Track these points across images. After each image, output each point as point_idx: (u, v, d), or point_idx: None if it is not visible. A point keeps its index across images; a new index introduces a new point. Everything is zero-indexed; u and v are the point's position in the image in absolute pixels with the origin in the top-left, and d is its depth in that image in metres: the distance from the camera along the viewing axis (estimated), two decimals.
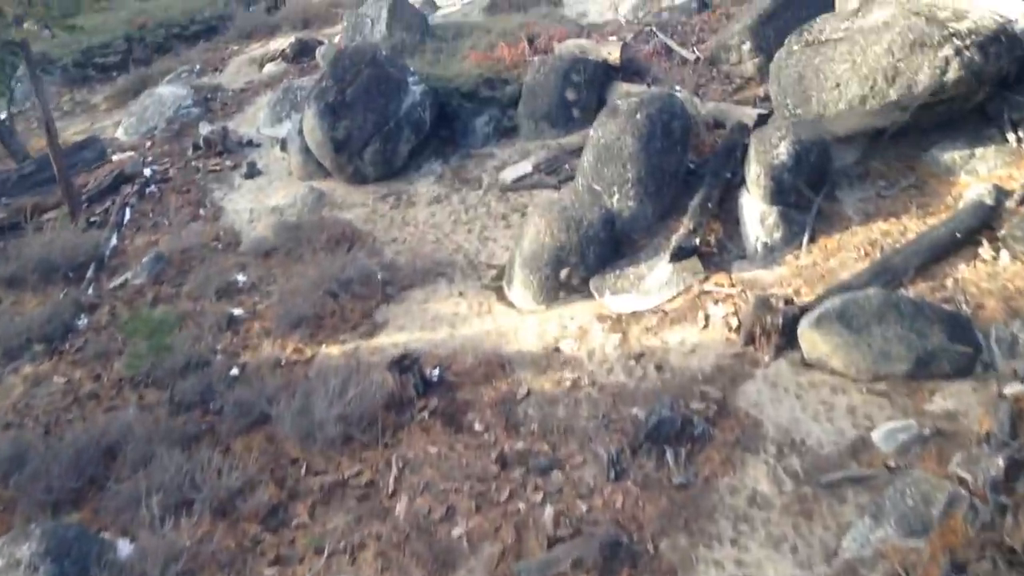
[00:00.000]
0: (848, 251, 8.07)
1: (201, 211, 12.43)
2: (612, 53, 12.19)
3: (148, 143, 15.05)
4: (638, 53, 12.97)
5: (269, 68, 17.77)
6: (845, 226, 8.37)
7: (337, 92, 11.56)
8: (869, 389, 6.64)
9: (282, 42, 19.66)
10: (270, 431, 7.60)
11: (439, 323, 8.96)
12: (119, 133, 15.87)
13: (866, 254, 7.93)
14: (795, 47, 9.21)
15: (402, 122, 11.76)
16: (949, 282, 7.34)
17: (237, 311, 9.73)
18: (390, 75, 11.82)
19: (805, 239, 8.32)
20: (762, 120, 10.08)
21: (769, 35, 11.42)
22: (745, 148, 9.55)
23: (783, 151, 8.36)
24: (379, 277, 9.73)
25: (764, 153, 8.47)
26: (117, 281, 10.82)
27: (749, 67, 11.69)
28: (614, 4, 15.47)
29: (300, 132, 12.27)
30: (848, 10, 9.62)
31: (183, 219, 12.27)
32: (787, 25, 11.14)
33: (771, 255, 8.33)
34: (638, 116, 9.17)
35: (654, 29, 13.39)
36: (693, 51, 12.71)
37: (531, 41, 13.16)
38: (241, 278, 10.39)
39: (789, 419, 6.59)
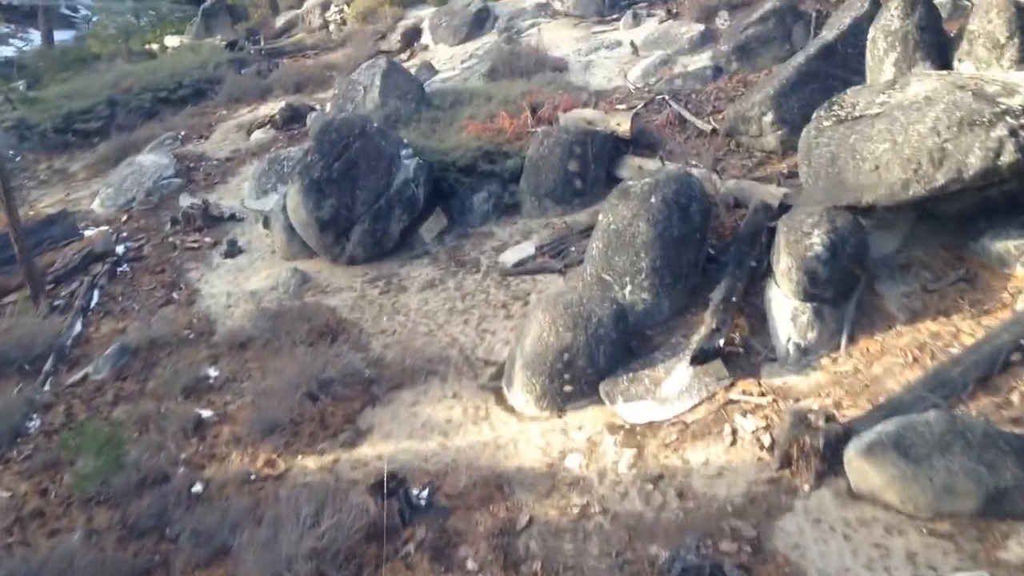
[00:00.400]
0: (893, 355, 7.28)
1: (175, 294, 11.72)
2: (622, 124, 11.59)
3: (124, 217, 14.41)
4: (649, 123, 12.39)
5: (257, 135, 17.24)
6: (888, 325, 7.60)
7: (323, 167, 10.92)
8: (931, 530, 5.79)
9: (272, 107, 19.23)
10: (231, 567, 6.74)
11: (430, 431, 8.15)
12: (95, 205, 15.24)
13: (914, 360, 7.14)
14: (826, 123, 8.55)
15: (393, 200, 11.10)
16: (1016, 397, 6.54)
17: (206, 412, 8.94)
18: (381, 148, 11.20)
19: (844, 340, 7.55)
20: (789, 201, 9.40)
21: (792, 107, 10.81)
22: (770, 232, 8.87)
23: (817, 241, 7.63)
24: (365, 375, 8.98)
25: (795, 243, 7.74)
26: (77, 376, 10.04)
27: (771, 140, 11.05)
28: (623, 69, 14.95)
29: (284, 209, 11.61)
30: (882, 82, 9.00)
31: (155, 303, 11.55)
32: (812, 96, 10.57)
33: (805, 358, 7.55)
34: (652, 200, 8.47)
35: (666, 98, 12.81)
36: (709, 122, 12.11)
37: (534, 110, 12.58)
38: (213, 373, 9.63)
39: (838, 567, 5.73)
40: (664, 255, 8.37)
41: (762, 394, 7.32)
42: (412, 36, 22.17)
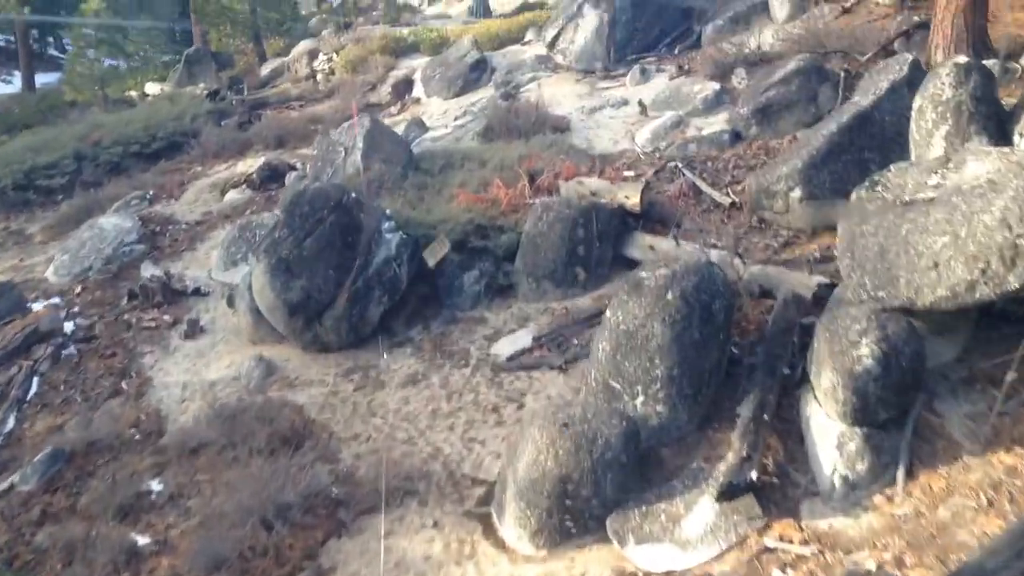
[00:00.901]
0: (963, 495, 6.21)
1: (124, 383, 10.66)
2: (630, 197, 10.64)
3: (79, 288, 13.40)
4: (661, 194, 11.45)
5: (232, 196, 16.33)
6: (954, 456, 6.54)
7: (293, 244, 9.93)
8: None
9: (251, 163, 18.43)
10: None
11: (405, 572, 7.03)
12: (49, 273, 14.22)
13: (989, 504, 6.07)
14: (870, 206, 7.58)
15: (373, 281, 10.10)
16: None
17: (143, 539, 7.85)
18: (360, 222, 10.23)
19: (900, 474, 6.49)
20: (824, 291, 8.40)
21: (823, 181, 9.87)
22: (803, 329, 7.87)
23: (866, 352, 6.59)
24: (332, 495, 7.89)
25: (840, 354, 6.70)
26: (2, 485, 8.94)
27: (799, 217, 10.10)
28: (630, 131, 14.08)
29: (250, 287, 10.60)
30: (932, 159, 8.03)
31: (100, 394, 10.50)
32: (846, 170, 9.70)
33: (854, 494, 6.49)
34: (669, 295, 7.46)
35: (679, 165, 11.88)
36: (727, 194, 11.17)
37: (532, 179, 11.65)
38: (156, 487, 8.55)
39: None
40: (683, 361, 7.34)
41: (804, 541, 6.23)
42: (403, 88, 21.42)
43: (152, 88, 30.97)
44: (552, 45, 17.57)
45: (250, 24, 29.40)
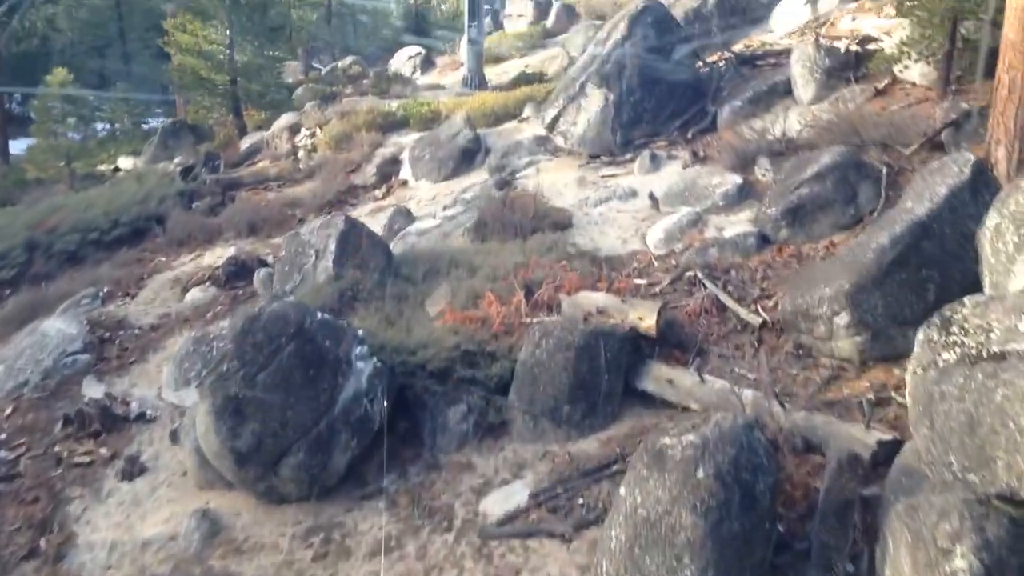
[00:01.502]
0: None
1: (43, 541, 9.24)
2: (645, 319, 9.37)
3: (9, 409, 12.07)
4: (678, 309, 10.17)
5: (194, 294, 15.09)
6: None
7: (244, 380, 8.60)
8: None
9: (221, 253, 17.25)
10: None
11: None
12: None
13: None
14: (945, 355, 6.29)
15: (339, 422, 8.76)
16: None
17: None
18: (325, 351, 8.92)
19: None
20: (887, 450, 7.07)
21: (875, 306, 8.61)
22: (864, 503, 6.52)
23: (964, 567, 5.23)
24: None
25: (928, 567, 5.33)
26: None
27: (845, 347, 8.80)
28: (640, 228, 12.88)
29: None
30: (1017, 292, 6.74)
31: (15, 554, 9.09)
32: (901, 293, 8.48)
33: None
34: (700, 473, 6.10)
35: (699, 275, 10.61)
36: (757, 311, 9.89)
37: (529, 291, 10.40)
38: None
39: None
40: (719, 561, 5.96)
41: None
42: (390, 169, 20.34)
43: (125, 163, 30.01)
44: (552, 126, 16.46)
45: (230, 95, 28.47)
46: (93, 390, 12.17)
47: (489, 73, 30.92)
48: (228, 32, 27.56)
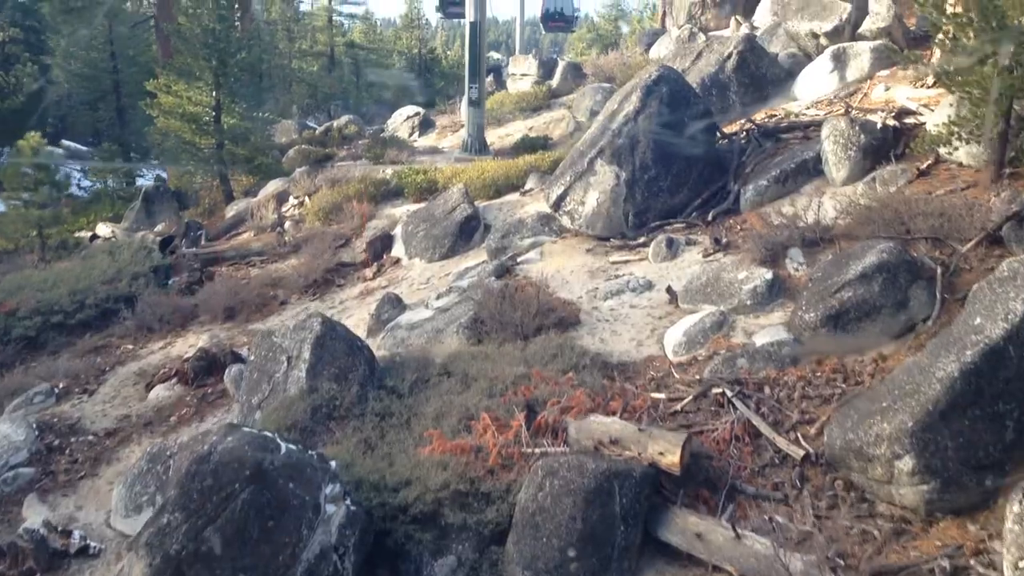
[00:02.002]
0: None
1: None
2: (667, 453, 8.15)
3: None
4: (705, 435, 8.96)
5: (158, 392, 13.95)
6: None
7: (188, 535, 7.35)
8: None
9: (194, 341, 16.15)
10: None
11: None
12: None
13: None
14: None
15: None
16: None
17: None
18: (288, 497, 7.68)
19: None
20: None
21: (944, 446, 7.41)
22: None
23: None
24: None
25: None
26: None
27: (908, 495, 7.57)
28: (656, 328, 11.71)
29: None
30: None
31: None
32: (977, 432, 7.42)
33: None
34: None
35: (727, 393, 9.41)
36: (797, 439, 8.68)
37: (531, 411, 9.20)
38: None
39: None
40: None
41: None
42: (381, 245, 19.29)
43: (104, 230, 29.02)
44: (557, 205, 15.38)
45: (216, 160, 27.56)
46: (34, 513, 10.96)
47: (491, 136, 30.12)
48: (215, 93, 26.67)
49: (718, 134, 16.32)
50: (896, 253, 10.00)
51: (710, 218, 14.40)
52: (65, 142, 53.12)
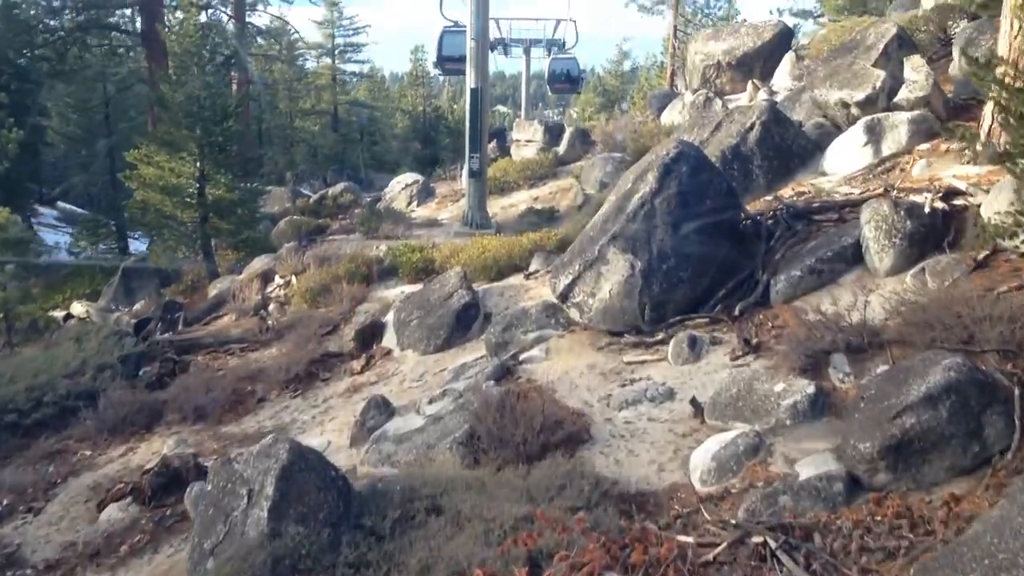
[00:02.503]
0: None
1: None
2: None
3: None
4: None
5: (110, 514, 12.64)
6: None
7: None
8: None
9: (157, 447, 14.90)
10: None
11: None
12: None
13: None
14: None
15: None
16: None
17: None
18: None
19: None
20: None
21: None
22: None
23: None
24: None
25: None
26: None
27: None
28: (680, 448, 10.38)
29: None
30: None
31: None
32: None
33: None
34: None
35: (770, 542, 8.03)
36: None
37: (535, 567, 7.84)
38: None
39: None
40: None
41: None
42: (371, 334, 18.06)
43: (78, 308, 27.96)
44: (565, 296, 14.14)
45: (199, 235, 26.50)
46: None
47: (494, 206, 29.14)
48: (199, 164, 25.69)
49: (743, 215, 15.12)
50: (966, 371, 8.69)
51: (737, 312, 13.11)
52: (61, 204, 52.55)
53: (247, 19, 55.83)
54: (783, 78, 31.60)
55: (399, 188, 35.34)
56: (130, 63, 50.96)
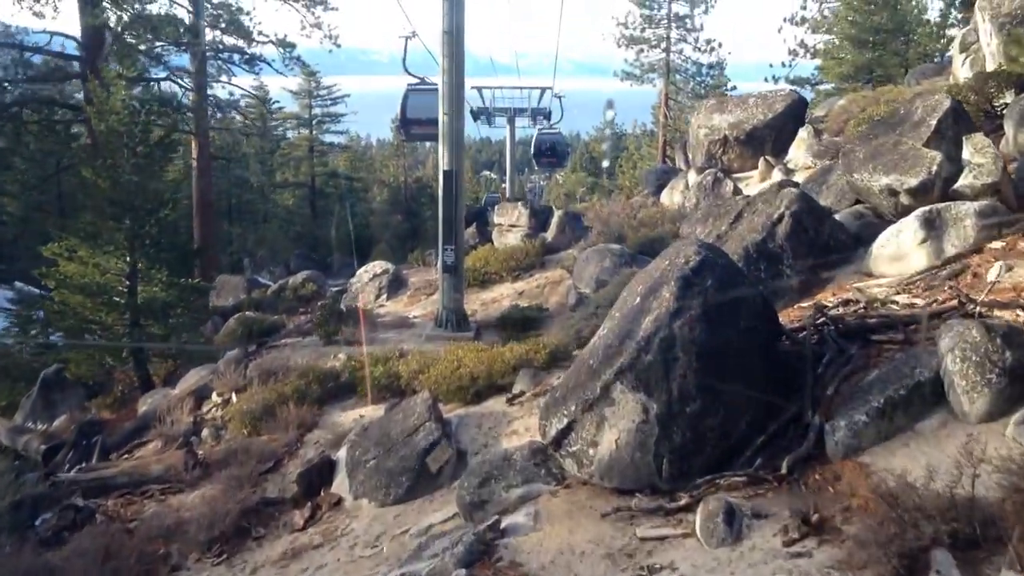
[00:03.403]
0: None
1: None
2: None
3: None
4: None
5: None
6: None
7: None
8: None
9: None
10: None
11: None
12: None
13: None
14: None
15: None
16: None
17: None
18: None
19: None
20: None
21: None
22: None
23: None
24: None
25: None
26: None
27: None
28: None
29: None
30: None
31: None
32: None
33: None
34: None
35: None
36: None
37: None
38: None
39: None
40: None
41: None
42: (319, 475, 15.41)
43: None
44: (558, 443, 11.58)
45: (130, 341, 23.86)
46: None
47: (473, 301, 26.70)
48: (129, 259, 23.16)
49: (783, 336, 12.65)
50: None
51: (785, 470, 10.52)
52: (19, 284, 49.90)
53: (209, 90, 54.00)
54: (799, 154, 29.51)
55: (367, 278, 32.93)
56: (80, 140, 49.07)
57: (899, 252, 15.20)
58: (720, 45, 72.89)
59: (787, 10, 71.98)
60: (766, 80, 68.44)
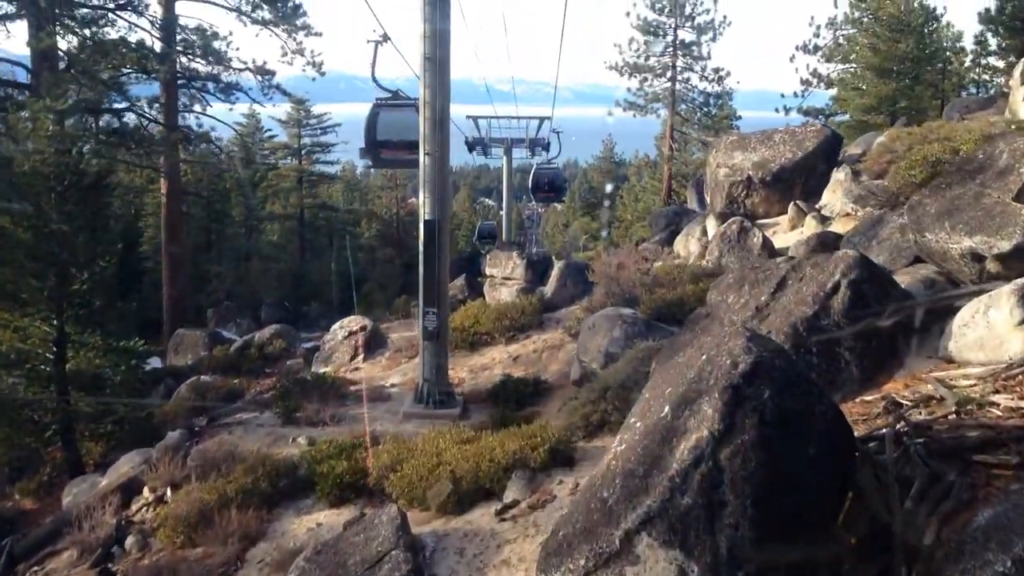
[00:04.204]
0: None
1: None
2: None
3: None
4: None
5: None
6: None
7: None
8: None
9: None
10: None
11: None
12: None
13: None
14: None
15: None
16: None
17: None
18: None
19: None
20: None
21: None
22: None
23: None
24: None
25: None
26: None
27: None
28: None
29: None
30: None
31: None
32: None
33: None
34: None
35: None
36: None
37: None
38: None
39: None
40: None
41: None
42: None
43: None
44: None
45: (59, 418, 21.26)
46: None
47: (461, 367, 24.16)
48: (56, 322, 20.62)
49: (856, 453, 10.07)
50: None
51: None
52: None
53: (180, 122, 51.87)
54: (835, 199, 27.11)
55: (341, 336, 30.49)
56: None
57: (989, 334, 12.62)
58: (728, 74, 71.09)
59: (797, 38, 70.24)
60: (776, 111, 66.69)
